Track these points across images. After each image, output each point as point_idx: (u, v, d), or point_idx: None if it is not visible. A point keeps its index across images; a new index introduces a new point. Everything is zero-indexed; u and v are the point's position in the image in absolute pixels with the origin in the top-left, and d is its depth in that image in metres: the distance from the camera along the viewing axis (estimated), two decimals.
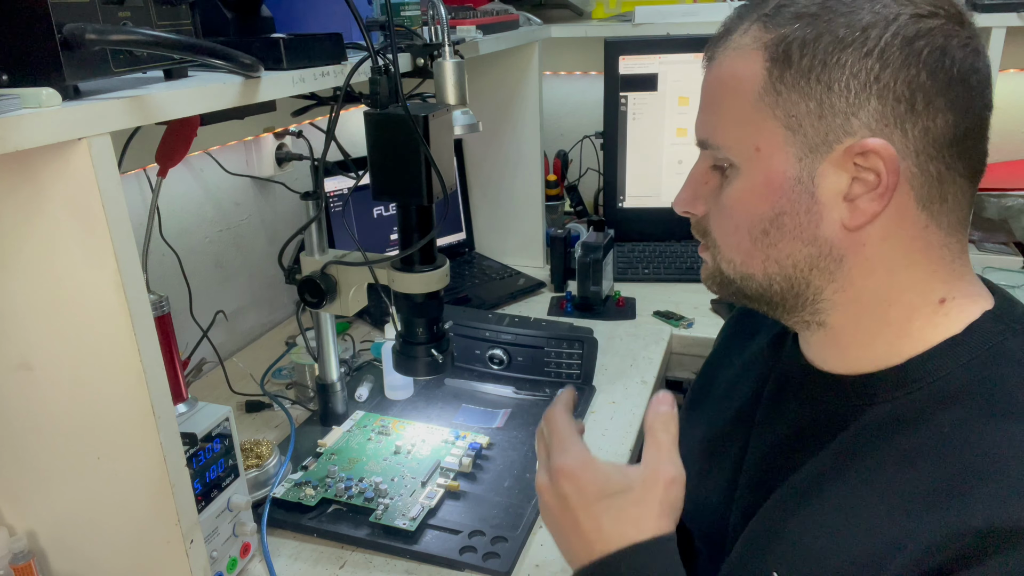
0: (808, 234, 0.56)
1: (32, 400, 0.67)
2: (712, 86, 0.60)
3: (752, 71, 0.55)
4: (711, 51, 0.60)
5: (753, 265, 0.60)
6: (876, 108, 0.52)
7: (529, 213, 1.65)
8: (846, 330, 0.59)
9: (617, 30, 1.62)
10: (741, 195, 0.58)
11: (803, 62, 0.53)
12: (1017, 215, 1.59)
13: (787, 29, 0.54)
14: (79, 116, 0.54)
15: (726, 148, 0.58)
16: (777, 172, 0.56)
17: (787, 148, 0.55)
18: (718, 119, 0.59)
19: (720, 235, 0.61)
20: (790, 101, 0.54)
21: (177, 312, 0.99)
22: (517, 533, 0.86)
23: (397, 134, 0.80)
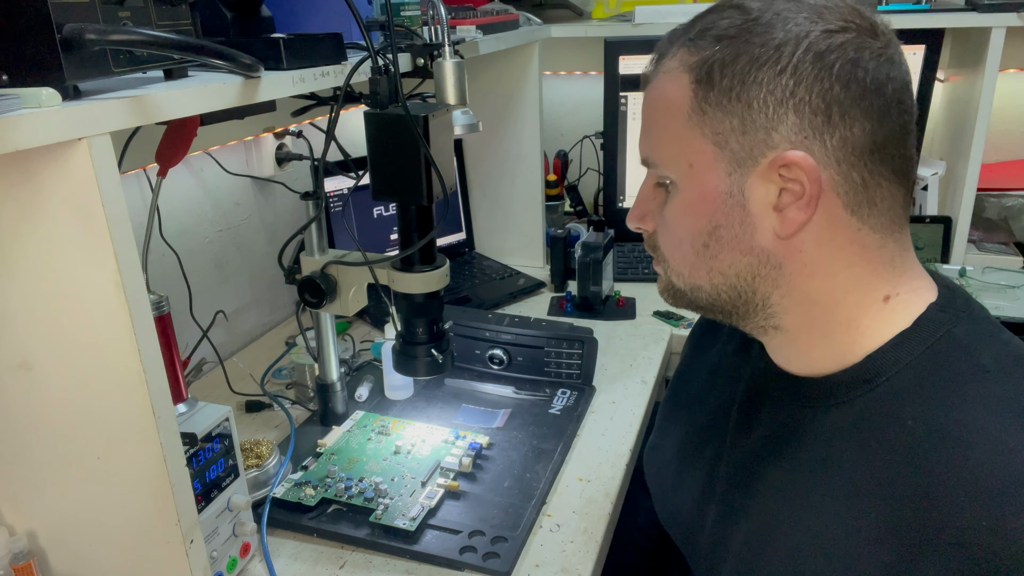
0: (744, 244, 0.59)
1: (32, 400, 0.67)
2: (649, 107, 0.63)
3: (680, 93, 0.58)
4: (647, 74, 0.63)
5: (699, 276, 0.62)
6: (794, 122, 0.55)
7: (529, 213, 1.65)
8: (801, 331, 0.61)
9: (617, 30, 1.62)
10: (681, 210, 0.61)
11: (724, 82, 0.56)
12: (1017, 215, 1.59)
13: (709, 51, 0.57)
14: (79, 116, 0.54)
15: (663, 166, 0.62)
16: (710, 187, 0.58)
17: (717, 164, 0.58)
18: (656, 138, 0.62)
19: (667, 249, 0.64)
20: (715, 119, 0.57)
21: (177, 312, 0.99)
22: (517, 533, 0.86)
23: (397, 134, 0.80)
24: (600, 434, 1.07)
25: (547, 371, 1.19)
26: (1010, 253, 1.61)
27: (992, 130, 1.49)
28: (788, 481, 0.61)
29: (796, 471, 0.61)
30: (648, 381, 1.19)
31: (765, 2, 0.57)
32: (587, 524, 0.89)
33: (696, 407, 0.77)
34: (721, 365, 0.76)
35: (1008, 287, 1.46)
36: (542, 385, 1.18)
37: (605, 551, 0.89)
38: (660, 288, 0.68)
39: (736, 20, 0.56)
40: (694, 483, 0.73)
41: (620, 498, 0.96)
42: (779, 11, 0.55)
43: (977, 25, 1.40)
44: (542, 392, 1.16)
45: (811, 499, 0.58)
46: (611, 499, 0.93)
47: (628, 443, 1.04)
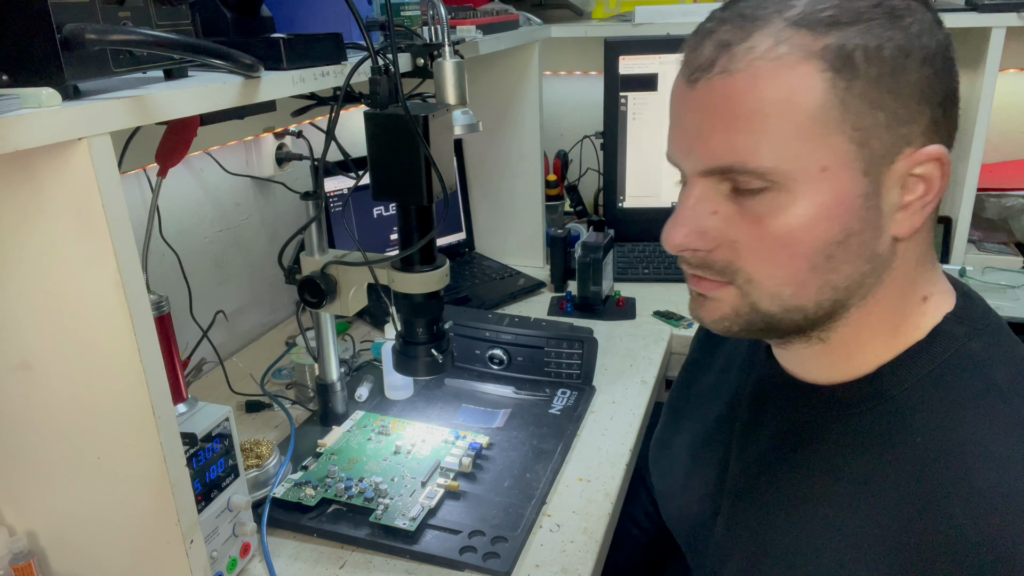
0: (869, 251, 0.53)
1: (32, 400, 0.67)
2: (741, 103, 0.51)
3: (805, 84, 0.50)
4: (722, 62, 0.52)
5: (806, 296, 0.54)
6: (929, 116, 0.52)
7: (529, 213, 1.65)
8: (843, 342, 0.58)
9: (617, 30, 1.62)
10: (805, 221, 0.52)
11: (872, 71, 0.50)
12: (1017, 215, 1.59)
13: (842, 35, 0.49)
14: (79, 116, 0.54)
15: (776, 172, 0.51)
16: (847, 190, 0.51)
17: (854, 164, 0.51)
18: (761, 139, 0.51)
19: (764, 269, 0.54)
20: (858, 114, 0.50)
21: (177, 312, 0.99)
22: (517, 533, 0.86)
23: (397, 134, 0.80)
24: (600, 434, 1.07)
25: (547, 371, 1.19)
26: (1010, 253, 1.61)
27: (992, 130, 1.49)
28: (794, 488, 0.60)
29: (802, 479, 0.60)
30: (648, 381, 1.19)
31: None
32: (587, 524, 0.89)
33: (705, 406, 0.76)
34: (730, 365, 0.75)
35: (1008, 287, 1.46)
36: (542, 385, 1.18)
37: (605, 551, 0.89)
38: (716, 315, 0.57)
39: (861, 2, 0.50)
40: (702, 485, 0.72)
41: (620, 498, 0.96)
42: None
43: (977, 25, 1.40)
44: (542, 392, 1.16)
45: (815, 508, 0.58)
46: (611, 499, 0.93)
47: (628, 443, 1.04)
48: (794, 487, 0.60)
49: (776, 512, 0.61)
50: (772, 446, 0.64)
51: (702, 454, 0.74)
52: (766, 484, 0.63)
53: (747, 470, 0.66)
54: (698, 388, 0.80)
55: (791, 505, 0.60)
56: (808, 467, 0.60)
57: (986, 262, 1.57)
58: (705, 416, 0.75)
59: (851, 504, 0.55)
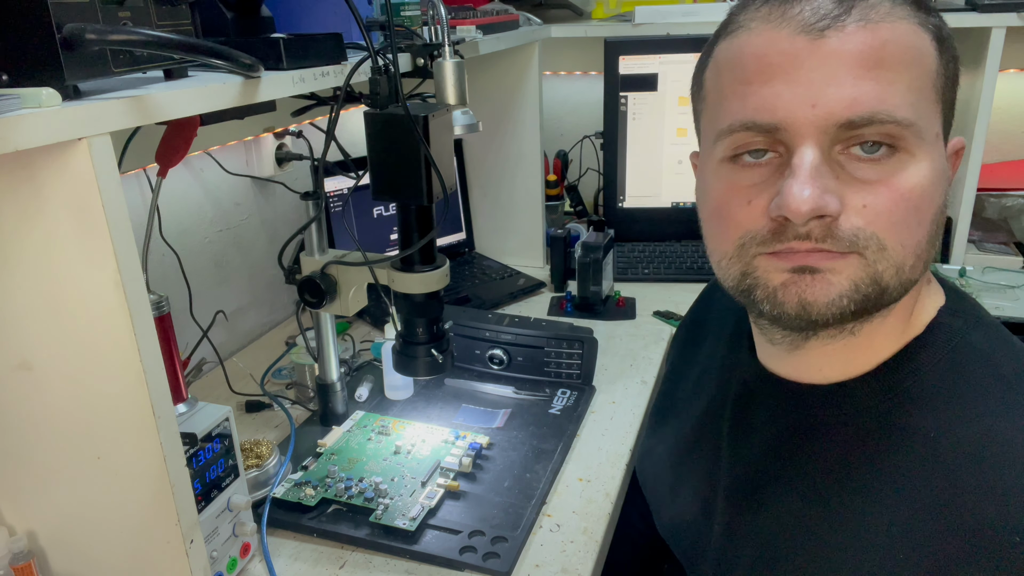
0: (938, 230, 0.54)
1: (32, 400, 0.67)
2: (887, 52, 0.49)
3: (928, 52, 0.51)
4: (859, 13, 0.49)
5: (918, 269, 0.52)
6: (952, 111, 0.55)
7: (529, 213, 1.65)
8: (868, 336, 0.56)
9: (617, 30, 1.62)
10: (929, 185, 0.50)
11: (955, 54, 0.54)
12: (1017, 215, 1.60)
13: (935, 17, 0.53)
14: (79, 116, 0.54)
15: (916, 127, 0.49)
16: (942, 160, 0.53)
17: (943, 135, 0.54)
18: (905, 91, 0.49)
19: (897, 235, 0.50)
20: (948, 90, 0.53)
21: (177, 312, 0.99)
22: (517, 533, 0.86)
23: (397, 134, 0.80)
24: (600, 434, 1.07)
25: (547, 371, 1.19)
26: (1010, 253, 1.61)
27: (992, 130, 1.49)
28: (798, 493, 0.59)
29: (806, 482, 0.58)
30: (648, 381, 1.19)
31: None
32: (587, 524, 0.89)
33: (684, 413, 0.75)
34: (708, 368, 0.74)
35: (1008, 287, 1.46)
36: (542, 385, 1.18)
37: (605, 551, 0.89)
38: (833, 295, 0.51)
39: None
40: (691, 495, 0.71)
41: (620, 498, 0.96)
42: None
43: (977, 25, 1.40)
44: (542, 392, 1.16)
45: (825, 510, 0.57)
46: (611, 499, 0.93)
47: (628, 443, 1.04)
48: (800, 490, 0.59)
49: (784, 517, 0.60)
50: (769, 451, 0.62)
51: (687, 461, 0.73)
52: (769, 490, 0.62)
53: (744, 476, 0.65)
54: (679, 395, 0.79)
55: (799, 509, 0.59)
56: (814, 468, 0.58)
57: (986, 262, 1.57)
58: (686, 423, 0.74)
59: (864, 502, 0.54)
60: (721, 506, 0.67)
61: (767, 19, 0.52)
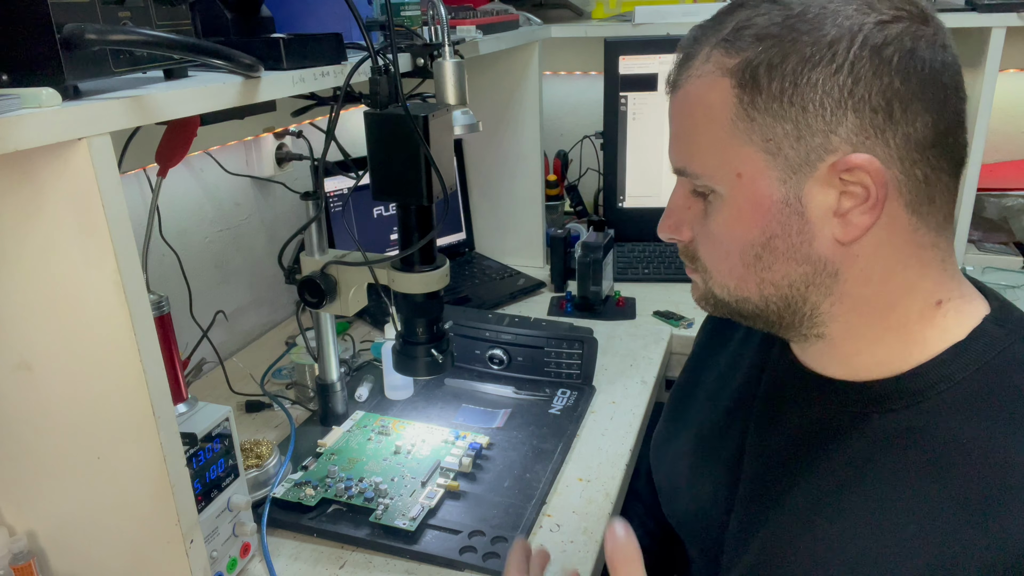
0: (801, 254, 0.56)
1: (32, 400, 0.67)
2: (681, 114, 0.58)
3: (721, 98, 0.54)
4: (674, 78, 0.59)
5: (748, 289, 0.59)
6: (854, 122, 0.51)
7: (529, 213, 1.65)
8: (846, 339, 0.59)
9: (617, 30, 1.62)
10: (728, 222, 0.57)
11: (773, 85, 0.52)
12: (1017, 215, 1.59)
13: (751, 52, 0.53)
14: (79, 116, 0.54)
15: (705, 176, 0.57)
16: (763, 196, 0.55)
17: (769, 172, 0.54)
18: (693, 147, 0.58)
19: (711, 261, 0.61)
20: (765, 125, 0.53)
21: (177, 312, 0.99)
22: (517, 533, 0.86)
23: (397, 134, 0.80)
24: (600, 434, 1.07)
25: (547, 371, 1.19)
26: (1010, 253, 1.61)
27: (992, 130, 1.49)
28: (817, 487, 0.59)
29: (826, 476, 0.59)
30: (648, 381, 1.19)
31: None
32: (587, 524, 0.89)
33: (711, 402, 0.75)
34: (739, 360, 0.74)
35: (1008, 287, 1.46)
36: (542, 385, 1.18)
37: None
38: (697, 296, 0.65)
39: (776, 17, 0.52)
40: (711, 483, 0.71)
41: (620, 498, 0.96)
42: (824, 3, 0.52)
43: (977, 25, 1.40)
44: (542, 392, 1.16)
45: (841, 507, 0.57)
46: (611, 499, 0.93)
47: (628, 443, 1.04)
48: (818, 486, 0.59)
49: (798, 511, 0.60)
50: (793, 443, 0.63)
51: (709, 450, 0.73)
52: (787, 483, 0.62)
53: (766, 468, 0.65)
54: (703, 384, 0.79)
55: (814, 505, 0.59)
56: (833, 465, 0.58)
57: (986, 262, 1.57)
58: (711, 412, 0.74)
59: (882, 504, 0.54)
60: (741, 497, 0.67)
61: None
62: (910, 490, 0.53)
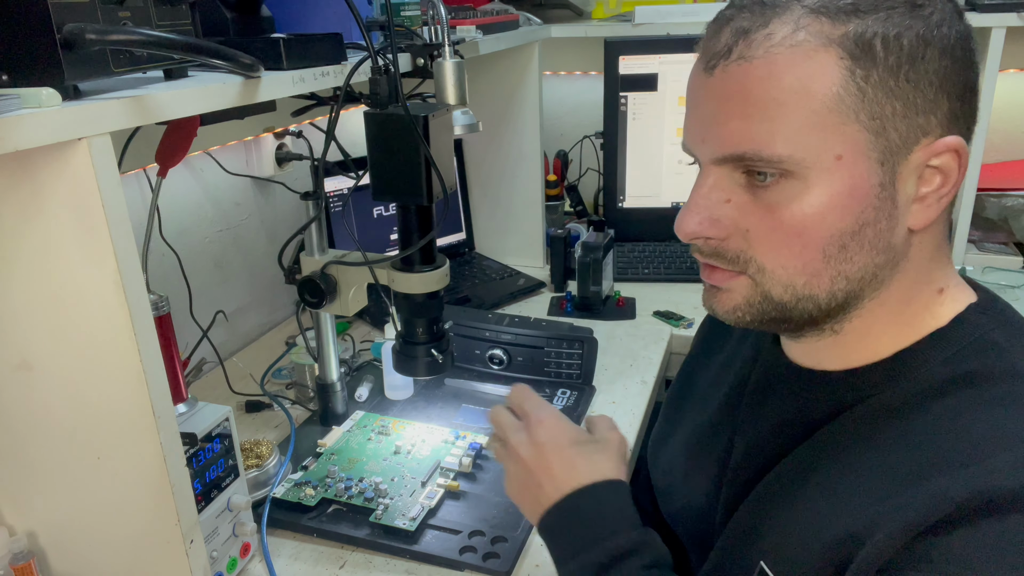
0: (883, 243, 0.54)
1: (32, 400, 0.67)
2: (757, 90, 0.52)
3: (824, 71, 0.50)
4: (739, 51, 0.52)
5: (820, 285, 0.55)
6: (948, 107, 0.52)
7: (529, 213, 1.65)
8: (858, 332, 0.58)
9: (617, 30, 1.62)
10: (818, 210, 0.52)
11: (890, 59, 0.50)
12: (1017, 215, 1.60)
13: (863, 23, 0.50)
14: (79, 116, 0.54)
15: (792, 160, 0.51)
16: (862, 180, 0.52)
17: (870, 153, 0.51)
18: (776, 127, 0.51)
19: (777, 258, 0.54)
20: (876, 102, 0.50)
21: (177, 312, 0.99)
22: (517, 533, 0.86)
23: (397, 134, 0.80)
24: None
25: (547, 371, 1.19)
26: (1010, 253, 1.61)
27: (992, 130, 1.49)
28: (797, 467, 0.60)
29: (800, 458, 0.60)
30: (648, 381, 1.19)
31: None
32: None
33: (705, 401, 0.76)
34: (732, 360, 0.75)
35: (1008, 287, 1.46)
36: (542, 385, 1.17)
37: None
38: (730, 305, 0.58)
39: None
40: (704, 479, 0.72)
41: None
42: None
43: (977, 25, 1.40)
44: (542, 392, 1.16)
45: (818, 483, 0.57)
46: None
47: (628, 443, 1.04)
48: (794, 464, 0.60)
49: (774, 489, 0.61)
50: (773, 430, 0.63)
51: (702, 448, 0.74)
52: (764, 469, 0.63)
53: (748, 459, 0.66)
54: (698, 384, 0.79)
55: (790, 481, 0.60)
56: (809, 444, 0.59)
57: (986, 262, 1.57)
58: (704, 411, 0.75)
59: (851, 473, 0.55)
60: (726, 486, 0.68)
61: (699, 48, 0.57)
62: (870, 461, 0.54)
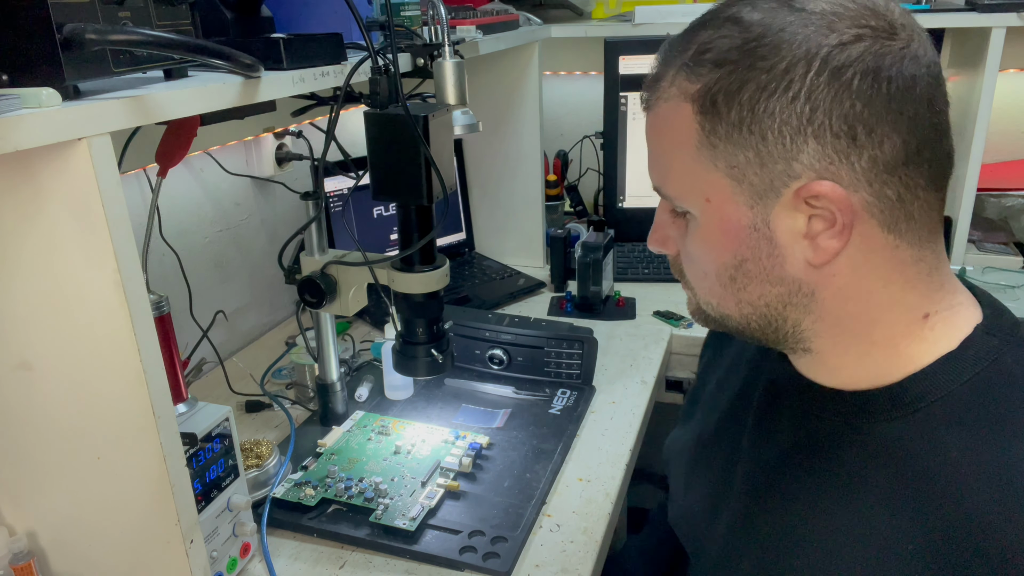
0: (774, 276, 0.56)
1: (32, 400, 0.67)
2: (653, 136, 0.59)
3: (685, 124, 0.54)
4: (646, 96, 0.59)
5: (728, 307, 0.60)
6: (815, 149, 0.50)
7: (529, 213, 1.65)
8: (832, 353, 0.59)
9: (617, 30, 1.62)
10: (702, 243, 0.58)
11: (732, 114, 0.52)
12: (1017, 215, 1.60)
13: (709, 79, 0.52)
14: (79, 116, 0.54)
15: (678, 198, 0.58)
16: (731, 221, 0.55)
17: (736, 197, 0.54)
18: (665, 169, 0.59)
19: (693, 279, 0.62)
20: (728, 153, 0.53)
21: (177, 312, 0.99)
22: (517, 533, 0.86)
23: (397, 134, 0.80)
24: (600, 434, 1.07)
25: (547, 371, 1.19)
26: (1010, 253, 1.61)
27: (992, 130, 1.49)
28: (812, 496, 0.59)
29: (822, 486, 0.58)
30: (648, 381, 1.19)
31: (766, 13, 0.51)
32: (587, 524, 0.89)
33: (709, 407, 0.76)
34: (738, 362, 0.74)
35: (1008, 287, 1.46)
36: (542, 385, 1.18)
37: (605, 551, 0.89)
38: (690, 310, 0.66)
39: (736, 40, 0.51)
40: (704, 486, 0.72)
41: (620, 498, 0.96)
42: (783, 26, 0.50)
43: (977, 25, 1.40)
44: (542, 392, 1.16)
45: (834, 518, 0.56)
46: (611, 499, 0.93)
47: (628, 443, 1.04)
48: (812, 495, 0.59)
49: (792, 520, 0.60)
50: (789, 451, 0.62)
51: (705, 456, 0.73)
52: (782, 489, 0.62)
53: (760, 473, 0.65)
54: (707, 388, 0.79)
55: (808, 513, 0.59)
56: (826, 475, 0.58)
57: (986, 262, 1.57)
58: (709, 417, 0.75)
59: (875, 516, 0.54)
60: (733, 501, 0.67)
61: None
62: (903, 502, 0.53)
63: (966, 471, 0.51)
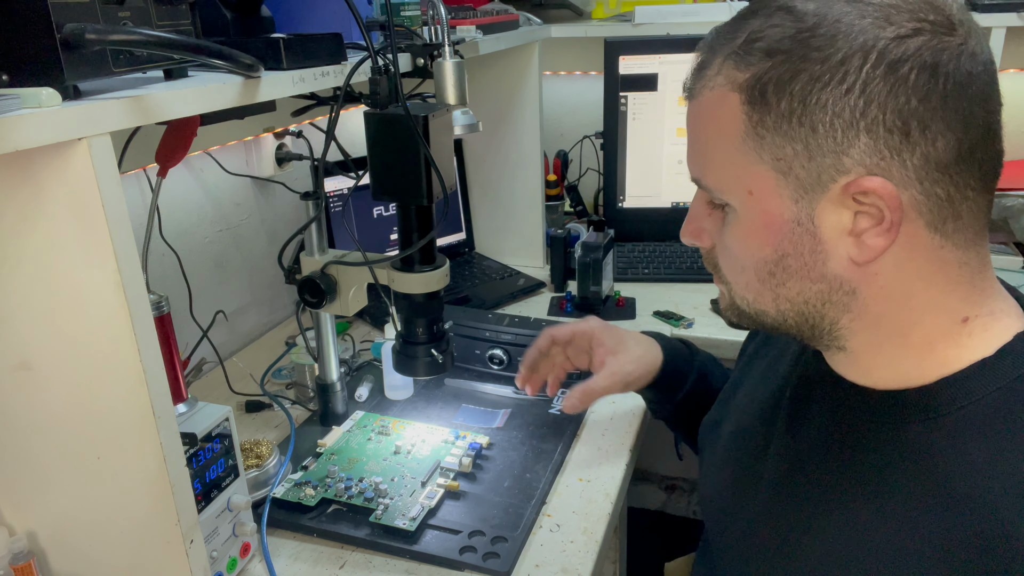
0: (816, 273, 0.55)
1: (32, 400, 0.67)
2: (696, 125, 0.58)
3: (731, 114, 0.53)
4: (691, 85, 0.57)
5: (765, 303, 0.59)
6: (867, 144, 0.49)
7: (529, 213, 1.65)
8: (867, 353, 0.58)
9: (617, 30, 1.62)
10: (742, 237, 0.57)
11: (782, 105, 0.51)
12: (1017, 215, 1.59)
13: (760, 68, 0.51)
14: (79, 116, 0.54)
15: (719, 190, 0.57)
16: (774, 215, 0.54)
17: (780, 191, 0.53)
18: (706, 160, 0.57)
19: (729, 273, 0.61)
20: (775, 144, 0.52)
21: (177, 312, 0.99)
22: (517, 533, 0.86)
23: (397, 134, 0.80)
24: (600, 434, 1.07)
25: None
26: (1010, 253, 1.61)
27: None
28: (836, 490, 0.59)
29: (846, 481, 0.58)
30: None
31: (821, 3, 0.50)
32: (587, 524, 0.89)
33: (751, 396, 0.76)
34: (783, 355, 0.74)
35: None
36: None
37: (605, 551, 0.89)
38: (723, 306, 0.64)
39: (788, 29, 0.50)
40: (733, 474, 0.72)
41: (620, 498, 0.96)
42: (839, 16, 0.49)
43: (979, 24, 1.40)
44: (542, 392, 1.16)
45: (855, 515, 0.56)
46: (611, 499, 0.93)
47: (628, 443, 1.04)
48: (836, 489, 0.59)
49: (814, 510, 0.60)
50: (817, 445, 0.62)
51: (738, 443, 0.74)
52: (805, 482, 0.62)
53: (789, 463, 0.65)
54: (751, 375, 0.79)
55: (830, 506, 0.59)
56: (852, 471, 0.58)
57: None
58: (748, 406, 0.75)
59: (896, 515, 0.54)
60: (762, 489, 0.67)
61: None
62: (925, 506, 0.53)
63: (990, 479, 0.50)
